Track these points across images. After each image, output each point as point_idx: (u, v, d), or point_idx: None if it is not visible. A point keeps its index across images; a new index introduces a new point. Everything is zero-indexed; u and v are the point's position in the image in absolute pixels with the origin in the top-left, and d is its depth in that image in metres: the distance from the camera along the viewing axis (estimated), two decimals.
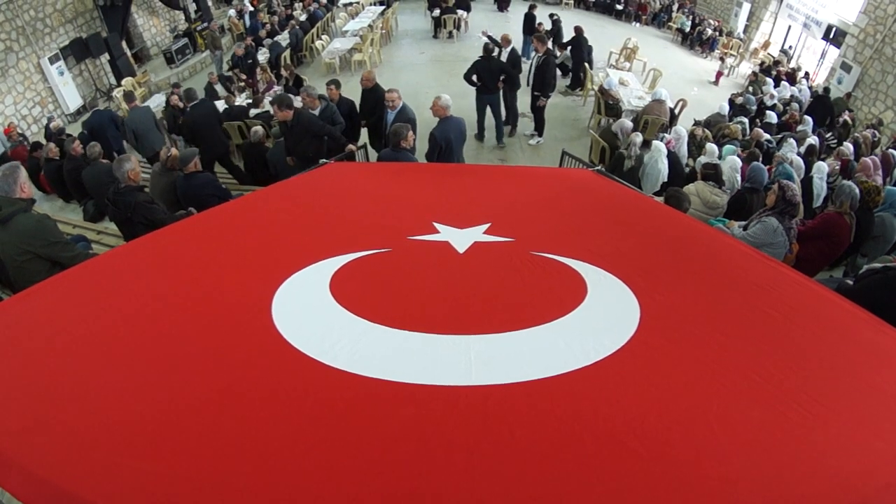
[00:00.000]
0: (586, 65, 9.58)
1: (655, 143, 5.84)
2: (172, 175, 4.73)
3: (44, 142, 8.37)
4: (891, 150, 7.17)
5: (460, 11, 13.25)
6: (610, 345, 1.51)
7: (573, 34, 9.78)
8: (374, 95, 5.81)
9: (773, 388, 1.39)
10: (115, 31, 12.62)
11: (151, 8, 14.69)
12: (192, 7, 15.68)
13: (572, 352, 1.47)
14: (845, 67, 11.61)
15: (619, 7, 17.19)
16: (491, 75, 6.98)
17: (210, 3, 16.58)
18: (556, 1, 17.84)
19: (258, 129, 6.13)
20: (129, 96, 7.60)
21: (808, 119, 8.14)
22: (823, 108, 9.49)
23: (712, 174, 4.84)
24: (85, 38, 11.97)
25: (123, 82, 11.81)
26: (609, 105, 7.99)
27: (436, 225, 2.29)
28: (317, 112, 4.90)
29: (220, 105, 8.65)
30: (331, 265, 1.91)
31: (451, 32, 13.20)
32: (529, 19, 10.90)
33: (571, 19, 15.28)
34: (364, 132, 6.18)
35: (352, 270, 1.90)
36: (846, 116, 9.60)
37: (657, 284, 1.87)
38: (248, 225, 2.43)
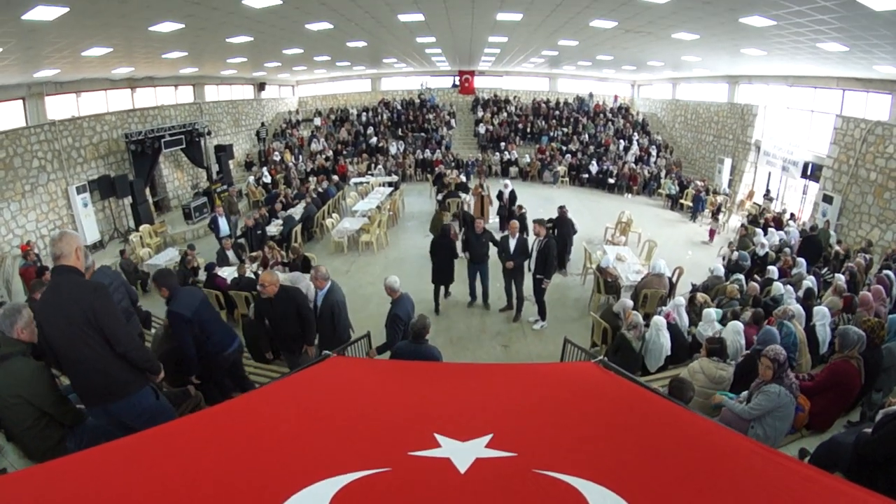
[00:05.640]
0: (584, 245, 10.33)
1: (655, 318, 6.08)
2: (174, 343, 4.57)
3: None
4: (885, 273, 7.27)
5: (462, 195, 13.83)
6: None
7: (557, 215, 10.33)
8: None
9: None
10: (142, 177, 13.49)
11: (178, 161, 16.01)
12: (215, 168, 16.83)
13: None
14: (827, 199, 12.22)
15: (612, 181, 18.91)
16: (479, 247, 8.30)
17: (232, 167, 17.69)
18: (553, 181, 19.82)
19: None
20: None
21: (802, 261, 8.35)
22: (813, 245, 9.67)
23: (717, 349, 4.81)
24: (113, 176, 12.79)
25: (141, 228, 12.29)
26: (608, 283, 8.33)
27: (437, 437, 2.25)
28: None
29: (231, 272, 8.55)
30: (329, 487, 1.91)
31: (454, 215, 13.16)
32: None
33: (566, 196, 16.58)
34: None
35: (351, 494, 1.91)
36: (838, 247, 9.77)
37: (659, 500, 1.92)
38: (247, 432, 2.45)
